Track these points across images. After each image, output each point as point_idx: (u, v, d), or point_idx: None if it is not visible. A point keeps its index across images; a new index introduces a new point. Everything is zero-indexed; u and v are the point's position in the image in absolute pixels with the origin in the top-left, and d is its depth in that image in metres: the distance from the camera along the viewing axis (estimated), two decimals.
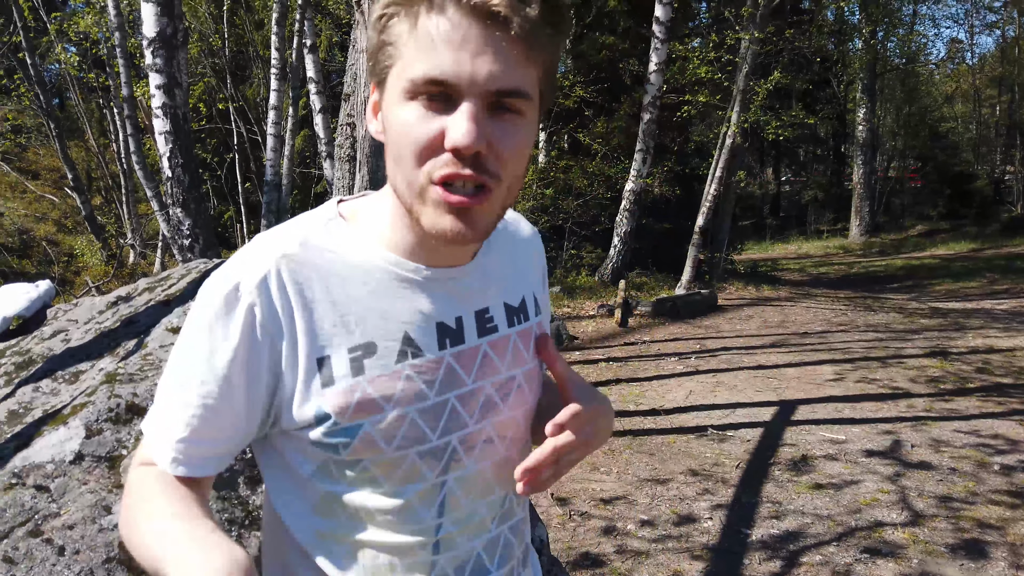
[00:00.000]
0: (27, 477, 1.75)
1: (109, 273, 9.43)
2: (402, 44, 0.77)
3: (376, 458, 0.85)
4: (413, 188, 0.79)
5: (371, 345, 0.84)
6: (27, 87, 11.40)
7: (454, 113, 0.75)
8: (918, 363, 6.69)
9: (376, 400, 0.84)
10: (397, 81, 0.78)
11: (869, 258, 17.49)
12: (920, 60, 22.89)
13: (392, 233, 0.87)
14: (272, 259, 0.83)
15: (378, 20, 0.79)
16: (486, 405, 0.90)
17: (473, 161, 0.75)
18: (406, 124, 0.77)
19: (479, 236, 0.81)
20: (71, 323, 2.79)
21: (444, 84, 0.74)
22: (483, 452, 0.91)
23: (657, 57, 8.75)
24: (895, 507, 3.75)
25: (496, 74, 0.74)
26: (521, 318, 0.96)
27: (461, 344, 0.89)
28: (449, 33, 0.74)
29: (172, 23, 4.64)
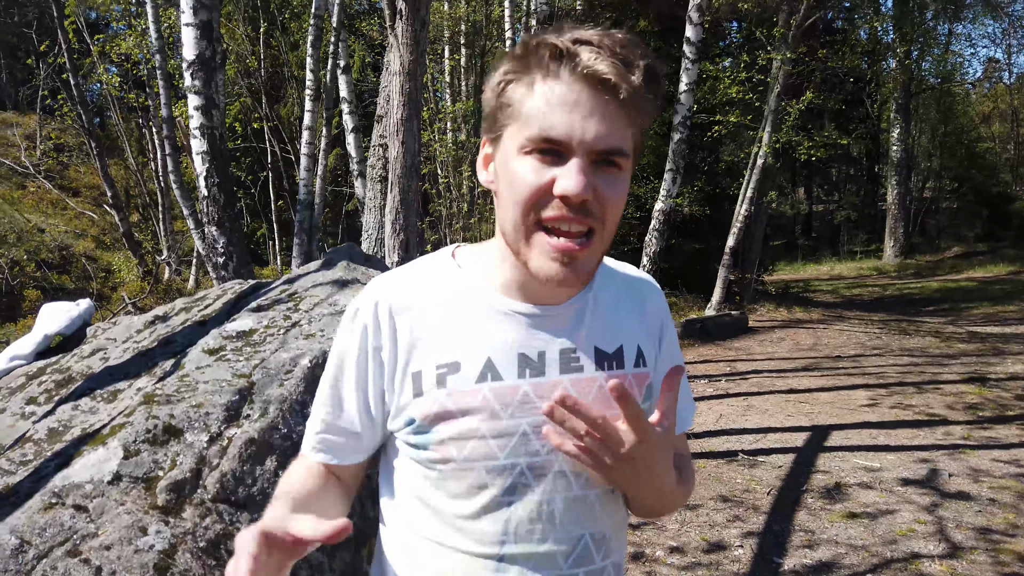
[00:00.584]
0: (67, 497, 1.78)
1: (145, 289, 9.60)
2: (519, 106, 0.89)
3: (449, 465, 0.95)
4: (520, 232, 0.90)
5: (456, 364, 0.96)
6: (70, 107, 11.69)
7: (564, 166, 0.86)
8: (955, 389, 6.55)
9: (453, 412, 0.94)
10: (513, 138, 0.89)
11: (904, 280, 17.19)
12: (956, 80, 22.57)
13: (494, 271, 0.99)
14: (385, 289, 1.01)
15: (497, 85, 0.92)
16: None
17: (579, 208, 0.86)
18: (521, 174, 0.88)
19: (581, 280, 0.91)
20: (110, 341, 2.84)
21: (557, 142, 0.85)
22: (555, 484, 0.96)
23: (687, 77, 8.72)
24: (932, 538, 3.66)
25: (602, 135, 0.85)
26: (614, 364, 1.00)
27: (541, 376, 0.96)
28: (563, 97, 0.85)
29: (211, 46, 4.73)
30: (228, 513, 1.83)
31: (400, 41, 4.19)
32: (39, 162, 14.72)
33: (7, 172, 14.03)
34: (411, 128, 4.30)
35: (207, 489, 1.84)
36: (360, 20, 14.22)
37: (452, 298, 0.99)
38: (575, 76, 0.85)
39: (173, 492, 1.81)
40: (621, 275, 1.10)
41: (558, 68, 0.85)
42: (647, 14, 12.82)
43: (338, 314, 2.51)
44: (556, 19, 11.67)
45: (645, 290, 1.11)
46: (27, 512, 1.75)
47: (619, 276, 1.09)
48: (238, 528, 1.81)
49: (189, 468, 1.86)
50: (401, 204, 4.34)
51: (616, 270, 1.10)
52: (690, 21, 8.62)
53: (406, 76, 4.17)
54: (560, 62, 0.85)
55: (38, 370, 2.63)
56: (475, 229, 10.19)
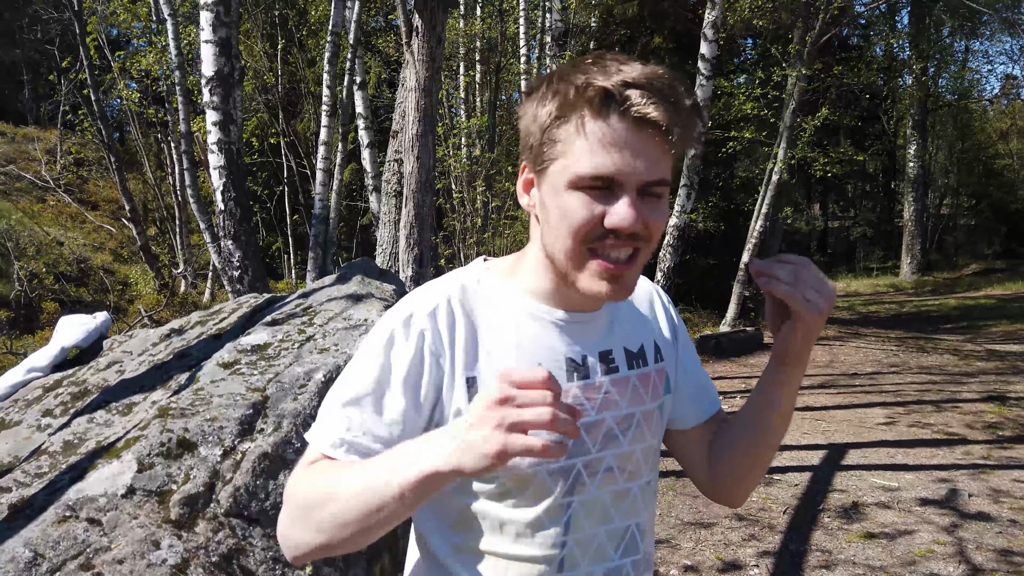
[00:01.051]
0: (80, 510, 1.78)
1: (161, 302, 9.67)
2: (568, 143, 0.93)
3: (511, 473, 0.97)
4: (571, 258, 0.95)
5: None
6: (91, 122, 11.86)
7: (616, 202, 0.91)
8: (974, 408, 6.46)
9: None
10: (562, 173, 0.93)
11: (921, 297, 17.03)
12: (973, 96, 22.44)
13: (533, 282, 1.04)
14: (442, 297, 1.02)
15: (543, 122, 0.95)
16: (607, 436, 1.03)
17: (629, 237, 0.92)
18: (575, 209, 0.92)
19: (627, 295, 0.97)
20: (126, 354, 2.86)
21: (609, 179, 0.90)
22: (604, 480, 1.03)
23: (702, 93, 8.74)
24: (952, 560, 3.60)
25: (649, 170, 0.91)
26: (640, 363, 1.09)
27: (587, 379, 1.03)
28: (614, 138, 0.90)
29: (229, 62, 4.79)
30: (241, 528, 1.83)
31: (416, 58, 4.22)
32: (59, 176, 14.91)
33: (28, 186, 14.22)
34: (426, 143, 4.32)
35: (220, 503, 1.84)
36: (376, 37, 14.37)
37: (499, 307, 1.04)
38: (626, 118, 0.89)
39: (186, 506, 1.81)
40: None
41: (608, 110, 0.89)
42: (662, 31, 12.87)
43: (353, 328, 2.51)
44: (571, 36, 11.73)
45: (651, 290, 1.19)
46: (41, 525, 1.76)
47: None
48: (250, 543, 1.81)
49: (203, 482, 1.86)
50: (415, 219, 4.36)
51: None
52: (705, 38, 8.65)
53: (421, 92, 4.20)
54: (610, 105, 0.89)
55: (55, 382, 2.65)
56: (489, 244, 10.20)
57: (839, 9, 10.87)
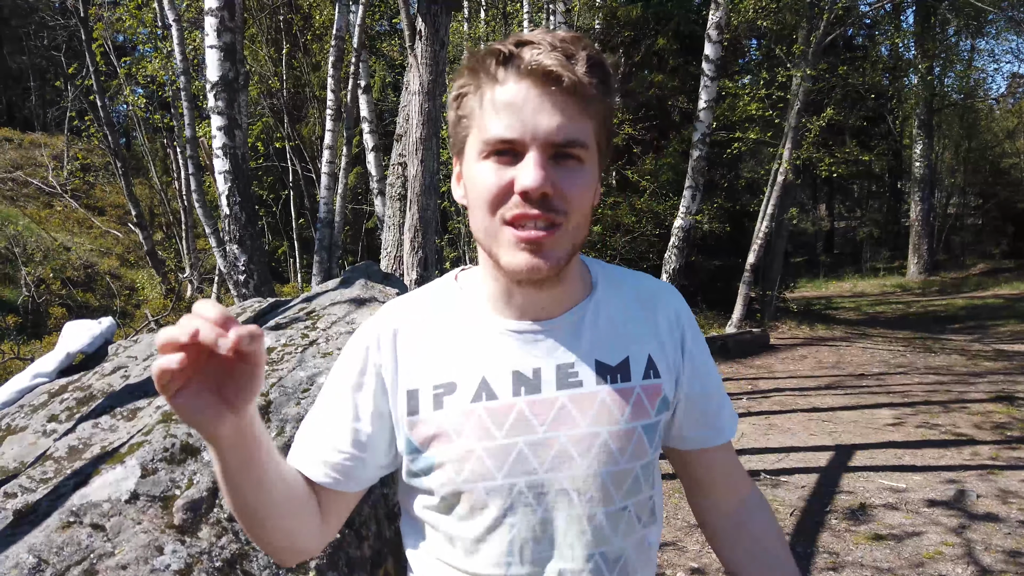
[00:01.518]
0: (84, 516, 1.78)
1: (168, 307, 9.70)
2: (474, 116, 0.91)
3: (449, 488, 0.95)
4: (489, 233, 0.91)
5: (452, 385, 0.96)
6: (97, 128, 11.91)
7: (521, 162, 0.87)
8: (982, 408, 6.43)
9: (448, 433, 0.94)
10: (473, 146, 0.91)
11: (928, 297, 16.96)
12: (979, 95, 22.35)
13: (487, 290, 0.99)
14: (389, 314, 1.02)
15: (454, 100, 0.94)
16: (560, 456, 0.94)
17: (541, 202, 0.86)
18: (481, 178, 0.89)
19: (552, 268, 0.90)
20: (131, 359, 2.86)
21: (511, 141, 0.86)
22: (556, 503, 0.95)
23: (707, 95, 8.72)
24: (960, 561, 3.57)
25: (554, 127, 0.85)
26: (618, 377, 0.98)
27: (537, 393, 0.95)
28: (511, 97, 0.87)
29: (234, 68, 4.81)
30: (244, 533, 1.83)
31: (420, 61, 4.22)
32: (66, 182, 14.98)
33: (35, 192, 14.29)
34: (430, 147, 4.33)
35: (223, 508, 1.84)
36: (380, 41, 14.40)
37: (451, 319, 1.00)
38: (520, 75, 0.86)
39: (190, 511, 1.81)
40: (632, 284, 1.08)
41: (504, 72, 0.87)
42: (666, 32, 12.86)
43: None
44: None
45: (659, 297, 1.07)
46: (45, 531, 1.76)
47: (629, 285, 1.07)
48: (254, 548, 1.81)
49: (206, 487, 1.86)
50: (420, 222, 4.36)
51: (626, 280, 1.08)
52: (709, 39, 8.64)
53: (425, 96, 4.20)
54: (506, 66, 0.87)
55: (60, 388, 2.65)
56: None
57: (844, 9, 10.85)
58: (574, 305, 1.00)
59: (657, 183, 11.90)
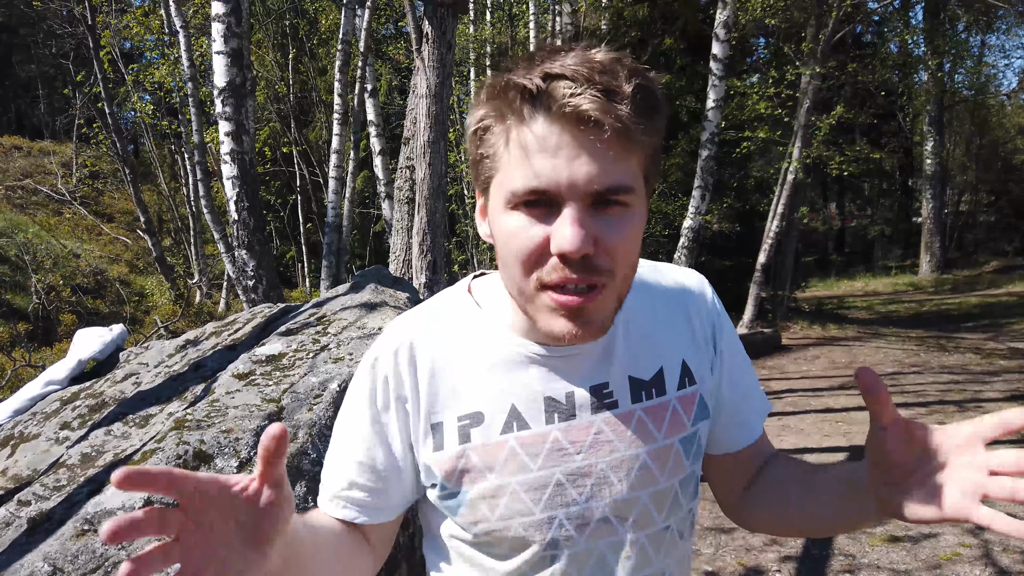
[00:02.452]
0: (99, 523, 1.77)
1: (177, 313, 9.73)
2: (499, 157, 0.79)
3: (484, 527, 0.89)
4: (524, 294, 0.81)
5: (479, 415, 0.89)
6: (105, 135, 11.97)
7: (558, 219, 0.75)
8: (998, 407, 6.30)
9: (480, 468, 0.88)
10: (499, 191, 0.80)
11: (941, 295, 16.84)
12: (990, 91, 22.21)
13: (512, 314, 0.90)
14: (404, 335, 0.93)
15: (474, 134, 0.83)
16: (599, 483, 0.89)
17: (582, 263, 0.75)
18: (511, 234, 0.78)
19: (594, 333, 0.81)
20: (142, 366, 2.86)
21: (544, 192, 0.75)
22: (597, 532, 0.89)
23: (715, 94, 8.69)
24: (978, 562, 3.53)
25: (595, 175, 0.74)
26: (652, 393, 0.91)
27: (571, 419, 0.88)
28: (543, 142, 0.74)
29: (241, 73, 4.81)
30: None
31: (426, 64, 4.21)
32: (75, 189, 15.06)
33: (44, 199, 14.38)
34: (437, 150, 4.31)
35: None
36: (387, 44, 14.41)
37: (472, 343, 0.92)
38: (552, 117, 0.74)
39: None
40: (657, 282, 0.99)
41: (532, 111, 0.75)
42: (673, 32, 12.83)
43: (367, 337, 2.50)
44: (581, 39, 11.72)
45: (687, 291, 1.00)
46: (60, 539, 1.75)
47: (655, 286, 0.99)
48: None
49: None
50: (428, 225, 4.35)
51: (651, 281, 0.99)
52: (716, 38, 8.60)
53: (432, 98, 4.19)
54: (533, 104, 0.75)
55: (72, 395, 2.65)
56: None
57: (852, 6, 10.79)
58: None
59: (666, 183, 11.88)
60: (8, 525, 1.90)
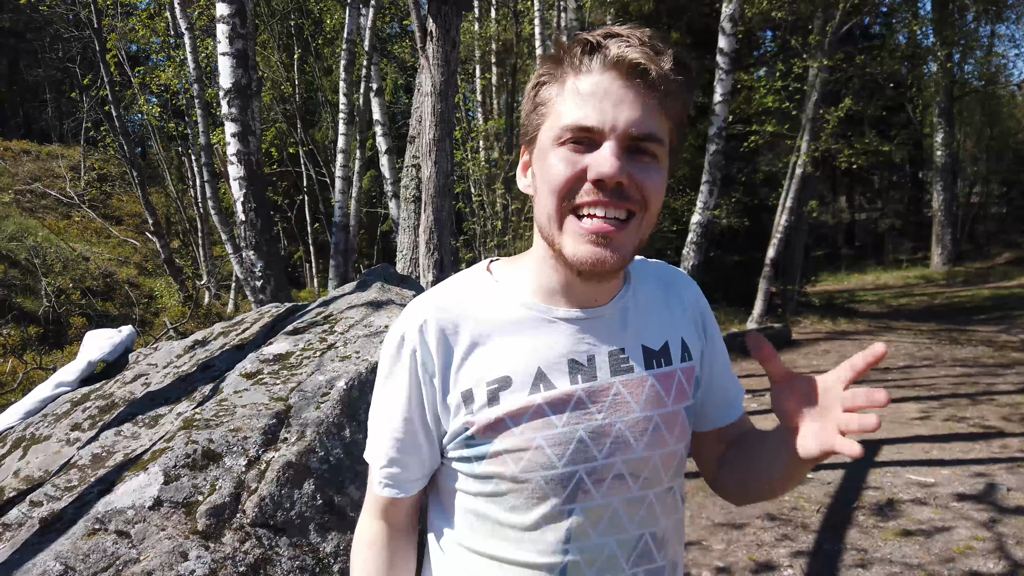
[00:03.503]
0: (109, 523, 1.78)
1: (186, 314, 9.76)
2: (552, 103, 0.91)
3: (505, 476, 0.94)
4: (554, 220, 0.90)
5: (507, 379, 0.94)
6: (112, 137, 12.03)
7: (597, 151, 0.86)
8: (1011, 400, 6.32)
9: (506, 422, 0.93)
10: (548, 133, 0.91)
11: (953, 288, 16.73)
12: (1000, 81, 22.02)
13: (534, 279, 0.99)
14: (428, 310, 0.98)
15: (532, 88, 0.94)
16: (617, 441, 0.95)
17: (615, 191, 0.86)
18: (554, 163, 0.89)
19: (618, 262, 0.89)
20: (151, 367, 2.87)
21: (590, 130, 0.86)
22: (613, 488, 0.96)
23: (722, 88, 8.64)
24: (991, 556, 3.51)
25: (634, 120, 0.86)
26: (662, 362, 1.00)
27: (593, 380, 0.96)
28: (594, 87, 0.87)
29: (247, 74, 4.81)
30: (267, 537, 1.82)
31: (431, 62, 4.21)
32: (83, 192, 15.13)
33: (53, 203, 14.45)
34: (443, 148, 4.31)
35: (246, 513, 1.83)
36: (391, 43, 14.43)
37: (494, 312, 0.98)
38: (605, 66, 0.86)
39: (213, 517, 1.80)
40: (653, 272, 1.10)
41: (590, 62, 0.87)
42: (679, 26, 12.78)
43: (373, 335, 2.50)
44: None
45: (679, 282, 1.11)
46: (71, 538, 1.76)
47: (651, 273, 1.09)
48: (277, 552, 1.80)
49: (228, 492, 1.86)
50: (435, 224, 4.34)
51: (648, 268, 1.11)
52: (723, 32, 8.56)
53: (438, 96, 4.19)
54: (591, 56, 0.87)
55: (82, 396, 2.66)
56: (509, 247, 10.18)
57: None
58: (617, 292, 1.01)
59: (674, 178, 11.84)
60: (20, 525, 1.92)
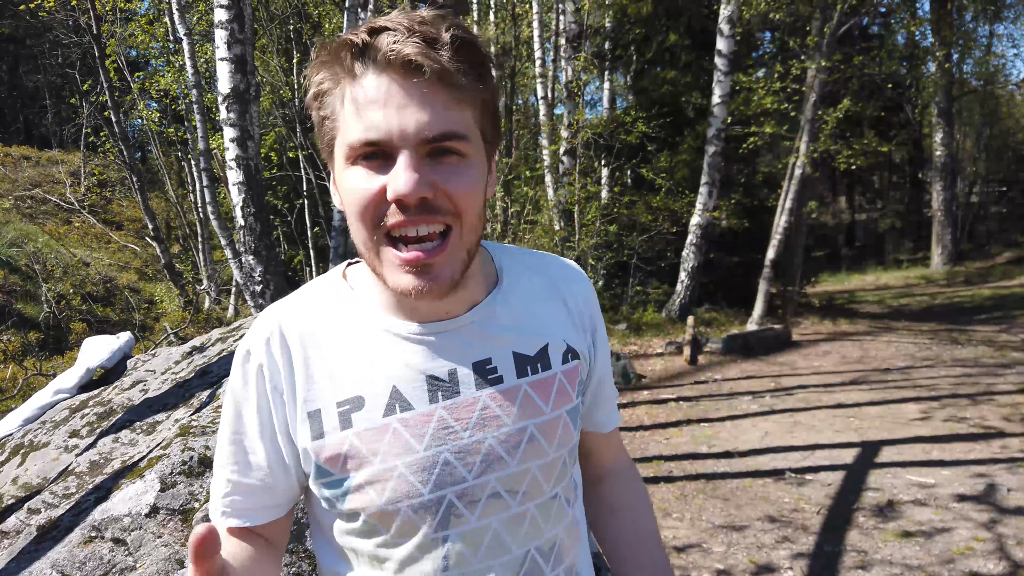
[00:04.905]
0: (106, 530, 1.78)
1: (186, 319, 9.77)
2: (336, 116, 0.81)
3: (371, 511, 0.87)
4: (370, 248, 0.82)
5: (359, 399, 0.86)
6: (112, 143, 12.04)
7: (393, 167, 0.77)
8: (1011, 400, 6.31)
9: (363, 453, 0.86)
10: (339, 150, 0.81)
11: (953, 288, 16.72)
12: (999, 81, 22.04)
13: (383, 293, 0.90)
14: (275, 322, 0.91)
15: (314, 98, 0.84)
16: (488, 459, 0.88)
17: (421, 207, 0.77)
18: (352, 188, 0.80)
19: (443, 287, 0.81)
20: (149, 373, 2.87)
21: (377, 143, 0.77)
22: (489, 507, 0.88)
23: (720, 89, 8.66)
24: (992, 557, 3.50)
25: (425, 122, 0.76)
26: (538, 367, 0.92)
27: (455, 396, 0.88)
28: (372, 94, 0.77)
29: (245, 79, 4.82)
30: None
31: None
32: (83, 198, 15.14)
33: (53, 208, 14.47)
34: None
35: None
36: None
37: (346, 325, 0.90)
38: (379, 68, 0.77)
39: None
40: (539, 268, 1.01)
41: (363, 66, 0.78)
42: (677, 28, 12.80)
43: None
44: (585, 37, 11.71)
45: (567, 280, 1.01)
46: (68, 546, 1.76)
47: (535, 270, 1.00)
48: None
49: None
50: None
51: (533, 264, 1.01)
52: (721, 33, 8.57)
53: None
54: (362, 59, 0.78)
55: (80, 403, 2.66)
56: None
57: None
58: (481, 299, 0.92)
59: (673, 180, 11.84)
60: (18, 533, 1.92)
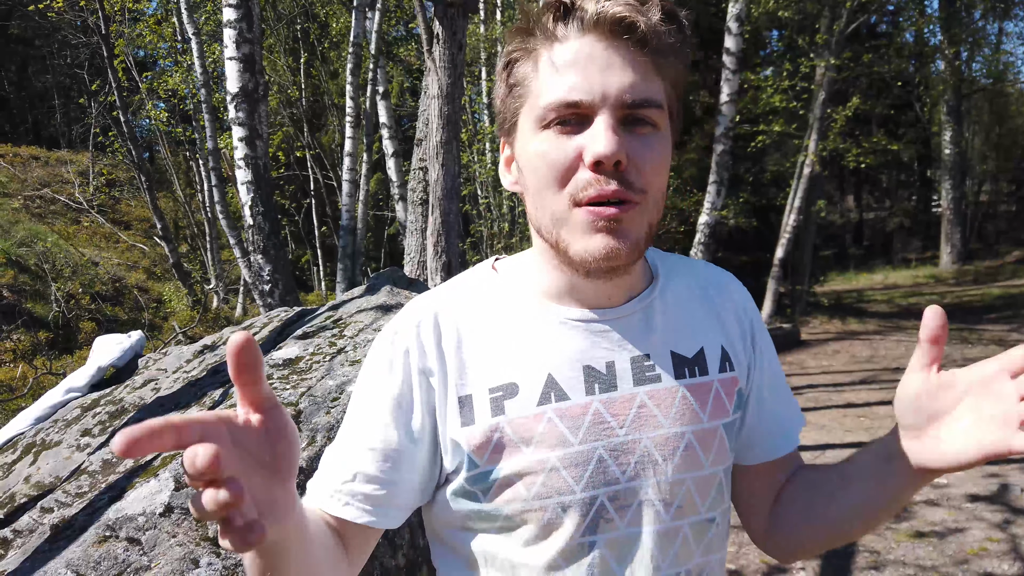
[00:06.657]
0: (120, 530, 1.78)
1: (194, 318, 9.79)
2: (529, 82, 0.79)
3: (517, 507, 0.81)
4: (556, 216, 0.78)
5: (512, 386, 0.82)
6: (121, 143, 12.07)
7: (589, 129, 0.74)
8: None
9: (515, 442, 0.81)
10: (528, 116, 0.79)
11: (962, 287, 16.63)
12: (1009, 79, 21.90)
13: (542, 279, 0.86)
14: (426, 308, 0.87)
15: (503, 69, 0.82)
16: (643, 461, 0.82)
17: (616, 175, 0.74)
18: (542, 153, 0.77)
19: (632, 251, 0.77)
20: (160, 372, 2.87)
21: (577, 104, 0.74)
22: (639, 515, 0.82)
23: (728, 88, 8.61)
24: (1006, 557, 3.48)
25: (626, 85, 0.74)
26: (695, 371, 0.86)
27: (612, 390, 0.82)
28: (574, 55, 0.74)
29: (254, 78, 4.82)
30: None
31: (438, 65, 4.20)
32: (92, 197, 15.18)
33: (62, 208, 14.51)
34: (450, 150, 4.30)
35: None
36: (397, 46, 14.43)
37: (500, 312, 0.86)
38: (584, 28, 0.74)
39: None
40: (694, 273, 0.96)
41: (565, 27, 0.75)
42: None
43: None
44: None
45: (723, 285, 0.96)
46: (82, 545, 1.76)
47: (689, 272, 0.95)
48: None
49: None
50: (442, 226, 4.33)
51: (687, 268, 0.96)
52: (729, 32, 8.53)
53: (444, 99, 4.18)
54: (566, 20, 0.75)
55: (92, 402, 2.66)
56: (516, 248, 10.17)
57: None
58: (640, 292, 0.88)
59: (680, 179, 11.81)
60: (32, 532, 1.92)
